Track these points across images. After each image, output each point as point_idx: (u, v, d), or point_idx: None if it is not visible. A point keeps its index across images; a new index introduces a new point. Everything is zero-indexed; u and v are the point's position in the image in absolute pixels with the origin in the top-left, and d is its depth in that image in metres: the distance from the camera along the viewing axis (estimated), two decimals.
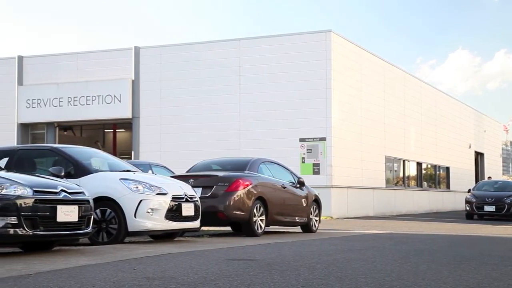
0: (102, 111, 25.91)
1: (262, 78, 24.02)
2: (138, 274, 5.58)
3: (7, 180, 7.06)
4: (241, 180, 11.41)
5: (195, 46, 25.31)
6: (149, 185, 9.29)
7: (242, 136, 24.02)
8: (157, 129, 25.25)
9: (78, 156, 9.72)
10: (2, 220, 6.75)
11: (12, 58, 27.47)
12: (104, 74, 26.02)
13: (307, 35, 23.90)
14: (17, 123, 27.02)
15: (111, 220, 9.07)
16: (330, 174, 22.89)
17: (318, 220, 13.89)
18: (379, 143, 27.02)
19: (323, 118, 23.07)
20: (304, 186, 13.52)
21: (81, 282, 5.11)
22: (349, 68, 24.74)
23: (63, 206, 7.33)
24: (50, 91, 26.52)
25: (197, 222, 10.02)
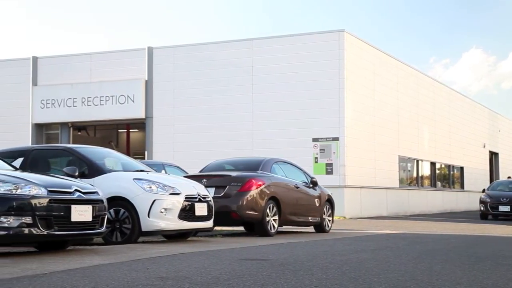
0: (115, 111, 26.04)
1: (274, 78, 24.01)
2: (151, 274, 5.60)
3: (22, 180, 7.11)
4: (254, 180, 11.42)
5: (208, 46, 25.36)
6: (162, 185, 9.32)
7: (255, 136, 24.02)
8: (170, 129, 25.33)
9: (92, 156, 9.77)
10: (17, 220, 6.80)
11: (27, 58, 27.68)
12: (117, 74, 26.15)
13: (320, 34, 23.86)
14: (31, 123, 27.22)
15: (124, 220, 9.11)
16: (343, 174, 22.84)
17: (331, 220, 13.87)
18: (392, 142, 26.92)
19: (336, 118, 23.03)
20: (317, 186, 13.50)
21: (95, 281, 5.14)
22: (362, 68, 24.66)
23: (77, 206, 7.37)
24: (64, 92, 26.69)
25: (210, 222, 10.04)
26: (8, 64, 27.95)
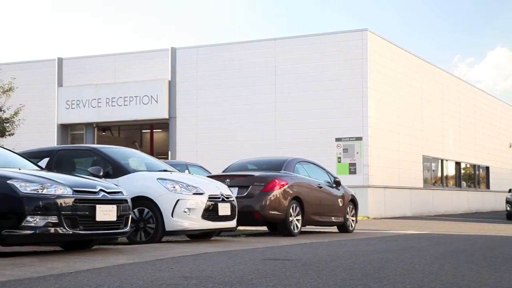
0: (139, 111, 26.22)
1: (297, 77, 23.98)
2: (175, 273, 5.63)
3: (47, 180, 7.19)
4: (277, 180, 11.41)
5: (230, 46, 25.41)
6: (186, 184, 9.35)
7: (277, 136, 24.01)
8: (193, 129, 25.43)
9: (116, 156, 9.85)
10: (43, 219, 6.88)
11: (52, 60, 28.00)
12: (141, 75, 26.33)
13: (343, 34, 23.77)
14: (57, 124, 27.54)
15: (148, 219, 9.16)
16: (367, 174, 22.72)
17: (355, 220, 13.80)
18: (416, 142, 26.72)
19: (360, 118, 22.92)
20: (341, 186, 13.45)
21: (120, 280, 5.18)
22: (386, 67, 24.51)
23: (102, 205, 7.43)
24: (88, 92, 26.95)
25: (233, 222, 10.05)
26: (34, 65, 28.31)
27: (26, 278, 5.26)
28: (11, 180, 6.92)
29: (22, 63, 28.51)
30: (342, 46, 23.50)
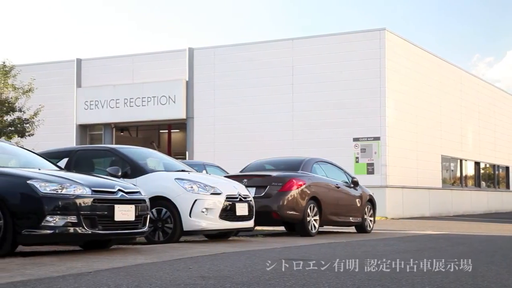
0: (157, 112, 26.34)
1: (315, 77, 23.93)
2: (193, 273, 5.65)
3: (67, 180, 7.25)
4: (295, 180, 11.40)
5: (248, 46, 25.43)
6: (203, 185, 9.38)
7: (295, 135, 23.99)
8: (211, 129, 25.48)
9: (135, 156, 9.90)
10: (63, 219, 6.94)
11: (71, 61, 28.22)
12: (159, 75, 26.44)
13: (361, 33, 23.68)
14: (76, 124, 27.74)
15: (166, 219, 9.19)
16: (385, 174, 22.62)
17: (373, 220, 13.75)
18: (435, 142, 26.54)
19: (377, 117, 22.82)
20: (358, 186, 13.40)
21: (138, 280, 5.21)
22: (404, 67, 24.38)
23: (121, 205, 7.48)
24: (107, 93, 27.12)
25: (251, 222, 10.06)
26: (53, 66, 28.55)
27: (46, 277, 5.31)
28: (31, 180, 6.99)
29: (42, 64, 28.76)
30: (359, 45, 23.41)
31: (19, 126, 22.90)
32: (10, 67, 23.19)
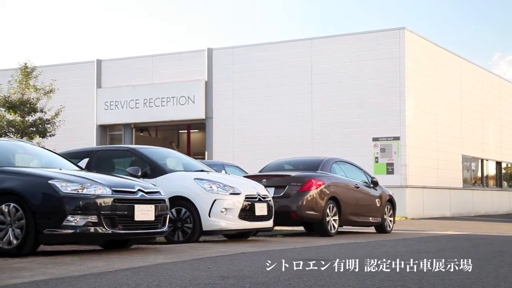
0: (176, 112, 26.44)
1: (334, 77, 23.86)
2: (213, 273, 5.66)
3: (87, 180, 7.31)
4: (314, 180, 11.37)
5: (266, 46, 25.43)
6: (222, 184, 9.39)
7: (314, 135, 23.93)
8: (230, 129, 25.52)
9: (154, 156, 9.95)
10: (84, 218, 7.00)
11: (91, 62, 28.44)
12: (178, 75, 26.54)
13: (380, 32, 23.56)
14: (96, 125, 27.95)
15: (186, 219, 9.22)
16: (405, 174, 22.48)
17: (393, 220, 13.67)
18: (455, 142, 26.32)
19: (397, 117, 22.69)
20: (378, 186, 13.33)
21: (158, 280, 5.23)
22: (424, 66, 24.22)
23: (141, 205, 7.52)
24: (126, 93, 27.29)
25: (270, 222, 10.06)
26: (74, 67, 28.79)
27: (67, 276, 5.35)
28: (52, 180, 7.06)
29: (62, 65, 29.01)
30: (379, 45, 23.29)
31: (40, 126, 23.13)
32: (32, 68, 23.43)
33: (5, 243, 6.94)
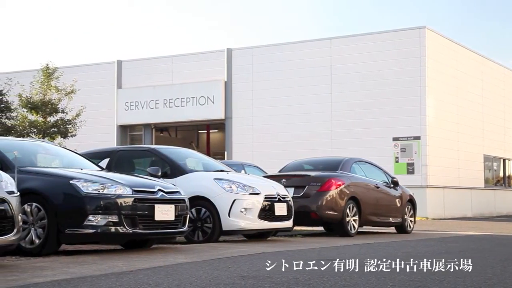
0: (196, 112, 26.52)
1: (353, 77, 23.76)
2: (233, 273, 5.67)
3: (108, 180, 7.36)
4: (334, 180, 11.34)
5: (286, 46, 25.40)
6: (242, 184, 9.41)
7: (333, 135, 23.86)
8: (249, 129, 25.53)
9: (174, 156, 9.99)
10: (104, 218, 7.05)
11: (112, 62, 28.63)
12: (198, 76, 26.62)
13: (401, 32, 23.43)
14: (116, 125, 28.13)
15: (206, 219, 9.25)
16: (425, 174, 22.32)
17: (413, 220, 13.58)
18: (477, 141, 26.07)
19: (417, 117, 22.54)
20: (398, 186, 13.26)
21: (178, 279, 5.25)
22: (445, 65, 24.02)
23: (161, 205, 7.56)
24: (147, 94, 27.43)
25: (289, 222, 10.05)
26: (95, 68, 29.00)
27: (89, 275, 5.40)
28: (73, 180, 7.12)
29: (83, 66, 29.23)
30: (399, 44, 23.15)
31: (62, 127, 23.33)
32: (53, 69, 23.64)
33: (27, 243, 7.01)
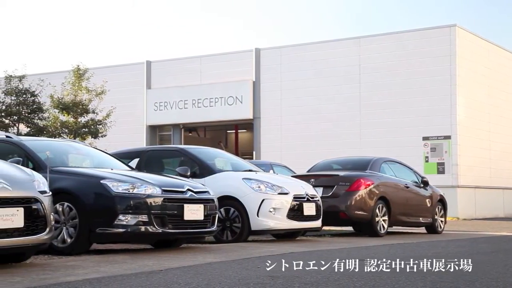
0: (224, 112, 26.60)
1: (382, 76, 23.60)
2: (262, 272, 5.67)
3: (138, 180, 7.43)
4: (363, 179, 11.28)
5: (314, 46, 25.33)
6: (271, 184, 9.41)
7: (362, 135, 23.72)
8: (277, 129, 25.53)
9: (203, 156, 10.04)
10: (134, 218, 7.11)
11: (141, 63, 28.88)
12: (226, 76, 26.70)
13: (430, 30, 23.20)
14: (146, 125, 28.37)
15: (234, 219, 9.27)
16: (456, 174, 22.06)
17: (444, 221, 13.44)
18: (509, 140, 25.66)
19: (448, 116, 22.29)
20: (428, 185, 13.14)
21: (208, 279, 5.28)
22: (476, 63, 23.71)
23: (190, 205, 7.59)
24: (175, 94, 27.61)
25: (318, 222, 10.02)
26: (124, 69, 29.28)
27: (119, 274, 5.45)
28: (104, 180, 7.20)
29: (113, 66, 29.54)
30: (429, 42, 22.93)
31: (92, 127, 23.62)
32: (84, 70, 23.95)
33: (59, 242, 7.11)
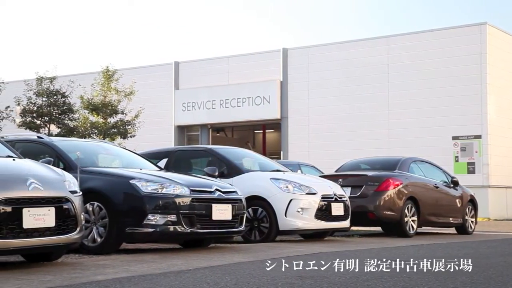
0: (252, 112, 26.64)
1: (411, 75, 23.39)
2: (290, 273, 5.67)
3: (166, 179, 7.48)
4: (391, 179, 11.19)
5: (342, 45, 25.23)
6: (298, 184, 9.39)
7: (391, 134, 23.54)
8: (305, 129, 25.47)
9: (231, 156, 10.06)
10: (163, 217, 7.16)
11: (169, 64, 29.08)
12: (253, 76, 26.73)
13: (460, 28, 22.93)
14: (174, 125, 28.55)
15: (262, 218, 9.26)
16: (487, 174, 21.77)
17: (474, 221, 13.27)
18: None
19: (478, 115, 22.01)
20: (458, 185, 12.98)
21: (236, 278, 5.29)
22: (507, 62, 23.37)
23: (218, 204, 7.62)
24: (203, 94, 27.74)
25: (346, 222, 9.97)
26: (153, 70, 29.51)
27: (149, 274, 5.50)
28: (133, 180, 7.26)
29: (142, 67, 29.80)
30: (459, 41, 22.66)
31: (121, 127, 23.85)
32: (113, 71, 24.19)
33: (89, 241, 7.19)
